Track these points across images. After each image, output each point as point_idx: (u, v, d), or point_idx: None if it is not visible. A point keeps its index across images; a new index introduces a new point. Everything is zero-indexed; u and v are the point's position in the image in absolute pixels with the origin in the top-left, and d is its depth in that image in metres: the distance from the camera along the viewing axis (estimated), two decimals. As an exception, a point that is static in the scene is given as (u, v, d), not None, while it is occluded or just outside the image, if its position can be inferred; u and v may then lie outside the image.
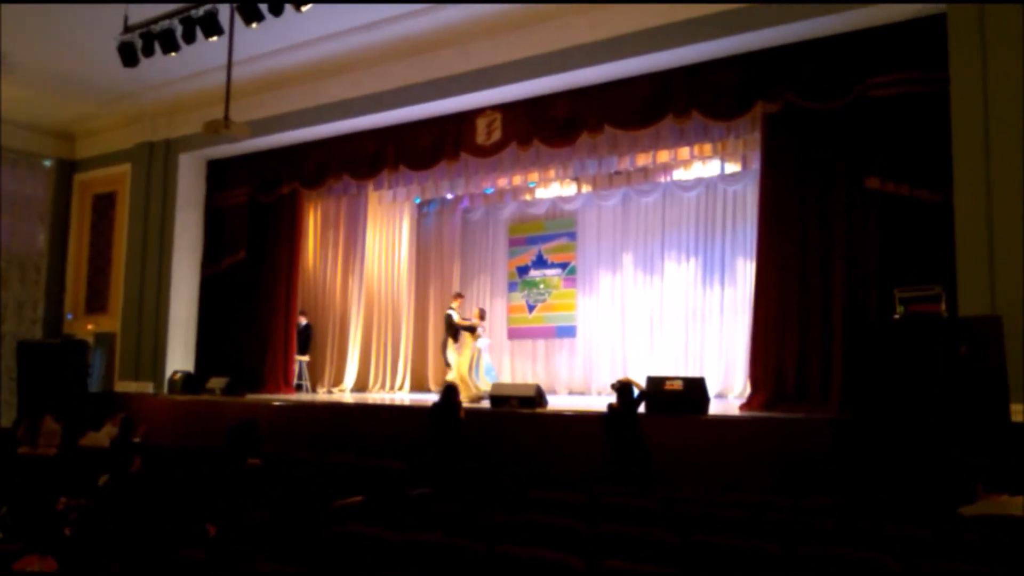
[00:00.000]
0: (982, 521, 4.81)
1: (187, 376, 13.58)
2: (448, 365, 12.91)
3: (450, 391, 9.31)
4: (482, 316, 13.12)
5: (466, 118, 11.76)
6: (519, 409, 9.83)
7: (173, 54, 9.70)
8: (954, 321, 7.43)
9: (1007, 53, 7.74)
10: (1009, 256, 7.56)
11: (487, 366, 12.69)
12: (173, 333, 14.26)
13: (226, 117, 8.96)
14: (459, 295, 13.60)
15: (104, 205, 15.73)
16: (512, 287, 15.42)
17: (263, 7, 8.88)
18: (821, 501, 5.69)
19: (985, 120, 7.80)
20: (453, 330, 12.77)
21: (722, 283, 13.07)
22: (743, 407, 9.60)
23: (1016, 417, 6.82)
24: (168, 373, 13.91)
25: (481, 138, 11.61)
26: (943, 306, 7.69)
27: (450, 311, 12.94)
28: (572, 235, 14.83)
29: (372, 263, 15.45)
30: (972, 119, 7.88)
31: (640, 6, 9.74)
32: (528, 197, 14.93)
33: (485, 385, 12.00)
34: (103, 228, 15.69)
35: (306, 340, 14.55)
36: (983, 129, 7.80)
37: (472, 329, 12.61)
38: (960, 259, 7.85)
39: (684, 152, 11.92)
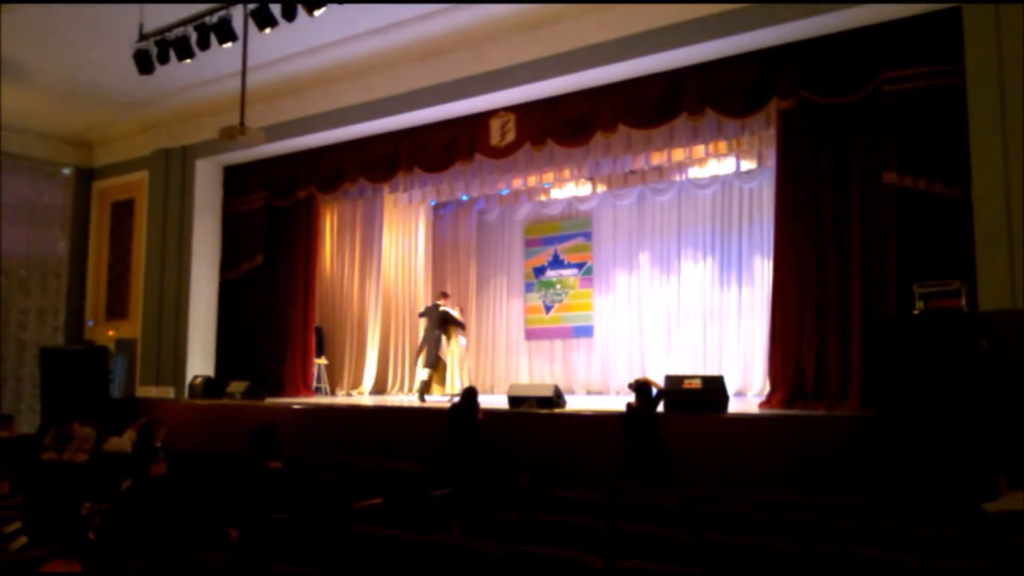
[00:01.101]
0: (1005, 517, 4.78)
1: (207, 380, 13.66)
2: (431, 365, 12.66)
3: (470, 393, 9.32)
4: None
5: (480, 119, 11.77)
6: (537, 409, 9.83)
7: (188, 61, 9.75)
8: (974, 316, 7.36)
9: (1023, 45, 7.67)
10: (1029, 249, 7.49)
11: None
12: (193, 338, 14.36)
13: (241, 123, 9.02)
14: (446, 294, 13.57)
15: (123, 212, 15.87)
16: (528, 288, 15.42)
17: (276, 12, 8.92)
18: (841, 499, 5.66)
19: (1002, 113, 7.72)
20: (446, 327, 12.74)
21: (739, 281, 13.02)
22: (762, 405, 9.56)
23: (1039, 411, 6.75)
24: (188, 378, 13.99)
25: (495, 139, 11.62)
26: (963, 301, 7.61)
27: (447, 308, 12.89)
28: (588, 235, 14.82)
29: (389, 265, 15.50)
30: (989, 112, 7.82)
31: (652, 5, 9.71)
32: (543, 197, 14.92)
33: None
34: (122, 235, 15.82)
35: (319, 343, 14.64)
36: (1000, 122, 7.73)
37: (463, 328, 12.76)
38: (979, 253, 7.77)
39: (699, 150, 11.90)
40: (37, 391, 14.40)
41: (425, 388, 12.47)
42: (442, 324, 12.75)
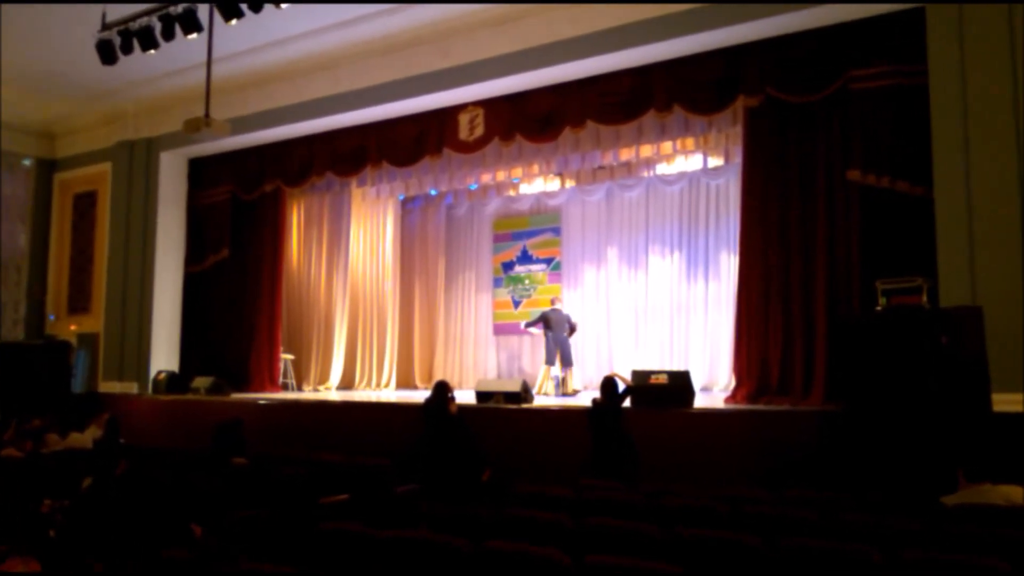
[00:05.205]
0: (964, 510, 4.86)
1: (171, 376, 13.50)
2: (569, 363, 12.67)
3: (441, 387, 9.22)
4: None
5: (448, 114, 11.74)
6: (505, 404, 9.84)
7: (152, 52, 9.60)
8: (935, 312, 7.47)
9: (985, 45, 7.80)
10: (989, 247, 7.64)
11: None
12: (157, 333, 14.19)
13: (206, 115, 8.91)
14: (557, 299, 13.66)
15: (85, 204, 15.62)
16: (497, 283, 15.41)
17: (242, 4, 8.81)
18: (805, 493, 5.72)
19: (964, 112, 7.86)
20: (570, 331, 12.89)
21: (706, 277, 13.11)
22: (727, 400, 9.64)
23: (997, 406, 6.89)
24: (152, 373, 13.83)
25: (464, 134, 11.59)
26: (924, 297, 7.73)
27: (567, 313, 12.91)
28: (556, 230, 14.84)
29: (356, 260, 15.41)
30: (951, 111, 7.95)
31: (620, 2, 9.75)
32: (512, 193, 14.94)
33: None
34: (84, 228, 15.58)
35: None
36: (962, 121, 7.86)
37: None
38: (941, 250, 7.92)
39: (667, 146, 12.00)
40: (-4, 386, 14.14)
41: (564, 385, 12.41)
42: (569, 328, 12.72)
